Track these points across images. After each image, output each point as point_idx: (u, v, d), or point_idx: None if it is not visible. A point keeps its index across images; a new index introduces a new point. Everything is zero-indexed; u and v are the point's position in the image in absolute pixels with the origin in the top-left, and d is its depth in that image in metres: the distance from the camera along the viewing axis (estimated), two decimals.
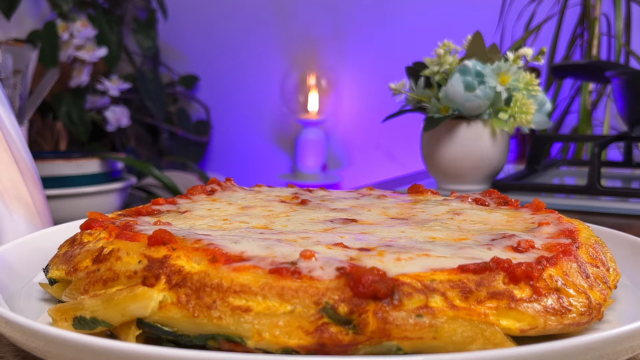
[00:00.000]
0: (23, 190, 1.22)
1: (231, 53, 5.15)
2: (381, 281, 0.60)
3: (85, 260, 0.73)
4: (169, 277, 0.64)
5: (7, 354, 0.69)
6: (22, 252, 0.90)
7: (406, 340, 0.59)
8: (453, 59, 1.69)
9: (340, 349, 0.59)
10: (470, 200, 1.02)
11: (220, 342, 0.61)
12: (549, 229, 0.82)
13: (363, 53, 4.71)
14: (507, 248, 0.73)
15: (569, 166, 2.38)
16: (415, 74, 1.78)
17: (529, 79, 1.68)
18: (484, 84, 1.62)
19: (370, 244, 0.73)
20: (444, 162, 1.74)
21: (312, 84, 4.90)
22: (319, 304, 0.60)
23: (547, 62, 3.32)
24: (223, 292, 0.61)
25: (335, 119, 4.92)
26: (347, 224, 0.88)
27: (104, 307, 0.64)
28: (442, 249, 0.71)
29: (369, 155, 4.78)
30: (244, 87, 5.17)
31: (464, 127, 1.69)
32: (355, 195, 1.09)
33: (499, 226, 0.86)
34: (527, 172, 2.03)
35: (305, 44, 4.95)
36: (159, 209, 0.97)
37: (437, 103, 1.70)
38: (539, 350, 0.53)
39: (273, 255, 0.67)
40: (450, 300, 0.61)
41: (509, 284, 0.64)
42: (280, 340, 0.59)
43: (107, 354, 0.54)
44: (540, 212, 0.94)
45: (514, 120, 1.67)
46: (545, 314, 0.64)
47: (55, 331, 0.58)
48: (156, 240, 0.69)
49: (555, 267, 0.69)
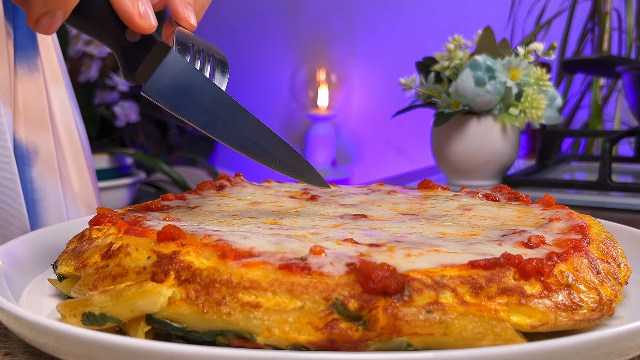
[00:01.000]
0: (91, 194, 1.24)
1: (241, 48, 5.16)
2: (391, 277, 0.60)
3: (94, 256, 0.73)
4: (178, 273, 0.64)
5: (16, 350, 0.69)
6: (30, 248, 0.90)
7: (416, 336, 0.58)
8: (463, 54, 1.68)
9: (350, 345, 0.59)
10: (480, 196, 1.02)
11: (230, 338, 0.61)
12: (559, 224, 0.82)
13: (373, 48, 4.71)
14: (518, 244, 0.72)
15: (579, 162, 2.37)
16: (426, 69, 1.77)
17: (540, 74, 1.67)
18: (494, 79, 1.62)
19: (380, 240, 0.73)
20: (454, 158, 1.74)
21: (322, 79, 4.90)
22: (328, 299, 0.60)
23: (557, 57, 3.31)
24: (232, 288, 0.61)
25: (345, 114, 4.92)
26: (357, 219, 0.88)
27: (113, 303, 0.64)
28: (453, 245, 0.71)
29: (379, 150, 4.78)
30: (253, 82, 5.17)
31: (475, 122, 1.69)
32: (365, 191, 1.09)
33: (510, 222, 0.86)
34: (538, 168, 2.03)
35: (315, 39, 4.95)
36: (168, 205, 0.97)
37: (447, 98, 1.69)
38: (550, 346, 0.53)
39: (283, 251, 0.67)
40: (460, 296, 0.61)
41: (519, 280, 0.64)
42: (290, 336, 0.59)
43: (116, 350, 0.54)
44: (550, 207, 0.93)
45: (525, 115, 1.66)
46: (556, 310, 0.63)
47: (64, 327, 0.57)
48: (165, 236, 0.69)
49: (566, 262, 0.68)
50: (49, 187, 1.15)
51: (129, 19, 0.76)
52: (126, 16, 0.76)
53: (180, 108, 0.80)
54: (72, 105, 1.24)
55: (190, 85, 0.80)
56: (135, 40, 0.79)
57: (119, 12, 0.76)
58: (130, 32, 0.78)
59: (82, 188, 1.23)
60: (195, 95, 0.80)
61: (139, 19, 0.76)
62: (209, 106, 0.81)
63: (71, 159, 1.21)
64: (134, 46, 0.79)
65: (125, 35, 0.78)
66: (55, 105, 1.19)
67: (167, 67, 0.80)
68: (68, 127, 1.22)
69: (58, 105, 1.20)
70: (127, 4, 0.75)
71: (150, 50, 0.80)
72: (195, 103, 0.80)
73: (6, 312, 0.63)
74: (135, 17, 0.75)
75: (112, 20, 0.77)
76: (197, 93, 0.80)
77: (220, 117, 0.81)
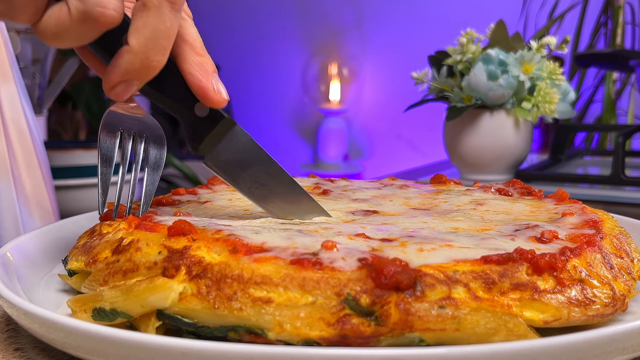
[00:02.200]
0: (44, 195, 1.24)
1: (252, 42, 5.16)
2: (403, 272, 0.60)
3: (105, 251, 0.73)
4: (189, 268, 0.64)
5: (26, 345, 0.69)
6: (40, 243, 0.90)
7: (428, 331, 0.58)
8: (476, 47, 1.68)
9: (362, 340, 0.58)
10: (493, 191, 1.02)
11: (241, 333, 0.61)
12: (572, 219, 0.81)
13: (385, 42, 4.71)
14: (531, 239, 0.72)
15: (592, 156, 2.36)
16: (438, 63, 1.77)
17: (553, 68, 1.67)
18: (507, 73, 1.61)
19: (392, 235, 0.73)
20: (466, 152, 1.73)
21: (334, 73, 4.90)
22: (340, 295, 0.59)
23: (570, 51, 3.31)
24: (244, 283, 0.61)
25: (357, 108, 4.91)
26: (368, 215, 0.87)
27: (124, 298, 0.64)
28: (465, 240, 0.71)
29: (391, 144, 4.77)
30: (265, 76, 5.17)
31: (487, 116, 1.68)
32: (377, 186, 1.09)
33: (523, 216, 0.85)
34: (551, 162, 2.02)
35: (326, 33, 4.95)
36: (180, 199, 0.97)
37: (459, 92, 1.69)
38: (563, 341, 0.53)
39: (294, 246, 0.66)
40: (473, 292, 0.61)
41: (532, 275, 0.64)
42: (302, 331, 0.58)
43: (127, 345, 0.54)
44: (564, 202, 0.93)
45: (537, 109, 1.66)
46: (569, 305, 0.63)
47: (75, 322, 0.57)
48: (176, 231, 0.69)
49: (579, 258, 0.68)
50: (1, 189, 1.15)
51: (204, 94, 0.77)
52: (201, 92, 0.77)
53: (237, 182, 0.84)
54: (23, 105, 1.23)
55: (248, 161, 0.83)
56: (204, 114, 0.80)
57: (194, 87, 0.77)
58: (201, 106, 0.79)
59: (34, 189, 1.23)
60: (250, 171, 0.83)
61: (214, 94, 0.77)
62: (263, 181, 0.84)
63: (22, 159, 1.21)
64: (202, 120, 0.81)
65: (194, 108, 0.79)
66: (5, 105, 1.18)
67: (230, 142, 0.83)
68: (19, 126, 1.21)
69: (8, 104, 1.19)
70: (202, 79, 0.76)
71: (217, 124, 0.82)
72: (250, 178, 0.84)
73: (16, 307, 0.63)
74: (210, 92, 0.77)
75: (185, 93, 0.78)
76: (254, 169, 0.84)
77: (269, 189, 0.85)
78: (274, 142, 5.18)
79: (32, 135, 1.24)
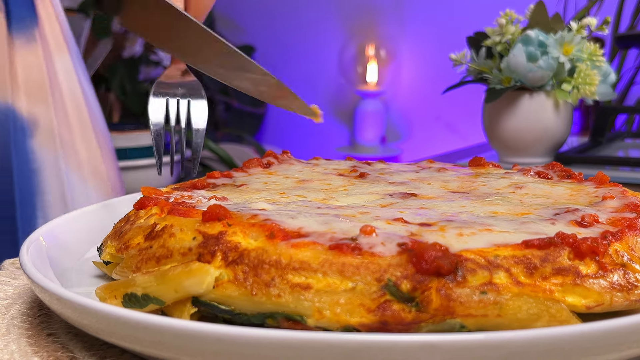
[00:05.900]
0: (100, 164, 1.25)
1: (288, 23, 5.15)
2: (444, 257, 0.59)
3: (137, 237, 0.73)
4: (225, 253, 0.63)
5: (59, 330, 0.69)
6: (73, 228, 0.90)
7: (470, 317, 0.57)
8: (515, 28, 1.67)
9: (403, 327, 0.58)
10: (532, 174, 1.01)
11: (279, 320, 0.60)
12: (613, 202, 0.80)
13: (423, 23, 4.68)
14: (571, 223, 0.71)
15: (633, 138, 2.34)
16: (477, 44, 1.76)
17: (593, 49, 1.65)
18: (546, 55, 1.60)
19: (430, 219, 0.72)
20: (505, 134, 1.72)
21: (371, 55, 4.87)
22: (381, 280, 0.59)
23: (611, 32, 3.27)
24: (282, 269, 0.61)
25: (395, 90, 4.89)
26: (406, 198, 0.86)
27: (158, 282, 0.64)
28: (505, 224, 0.70)
29: (429, 127, 4.75)
30: (300, 57, 5.16)
31: (527, 98, 1.67)
32: (414, 168, 1.08)
33: (562, 200, 0.84)
34: (591, 145, 2.00)
35: (364, 14, 4.93)
36: (215, 183, 0.96)
37: (498, 74, 1.68)
38: (606, 327, 0.52)
39: (332, 231, 0.66)
40: (514, 277, 0.60)
41: (574, 260, 0.63)
42: (342, 318, 0.58)
43: (162, 331, 0.53)
44: (604, 185, 0.92)
45: (578, 91, 1.64)
46: (611, 290, 0.62)
47: (108, 308, 0.57)
48: (211, 216, 0.68)
49: (621, 242, 0.67)
50: (48, 158, 1.17)
51: None
52: None
53: None
54: (80, 76, 1.25)
55: None
56: None
57: None
58: None
59: (90, 158, 1.24)
60: None
61: None
62: None
63: (78, 127, 1.23)
64: None
65: None
66: (61, 75, 1.20)
67: None
68: (74, 96, 1.23)
69: (63, 74, 1.20)
70: None
71: None
72: None
73: (49, 292, 0.63)
74: None
75: None
76: None
77: None
78: (309, 124, 5.17)
79: (89, 105, 1.25)
